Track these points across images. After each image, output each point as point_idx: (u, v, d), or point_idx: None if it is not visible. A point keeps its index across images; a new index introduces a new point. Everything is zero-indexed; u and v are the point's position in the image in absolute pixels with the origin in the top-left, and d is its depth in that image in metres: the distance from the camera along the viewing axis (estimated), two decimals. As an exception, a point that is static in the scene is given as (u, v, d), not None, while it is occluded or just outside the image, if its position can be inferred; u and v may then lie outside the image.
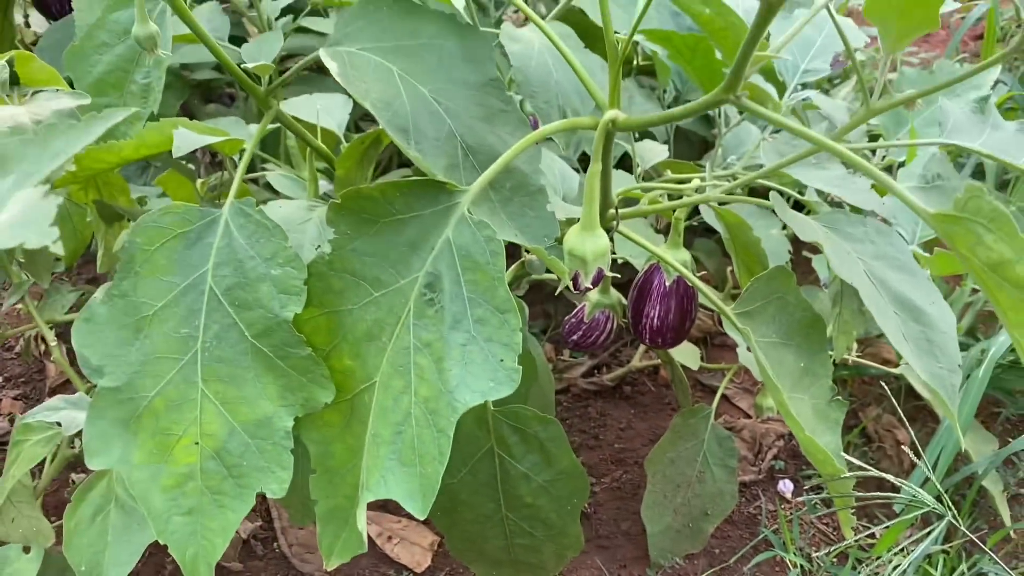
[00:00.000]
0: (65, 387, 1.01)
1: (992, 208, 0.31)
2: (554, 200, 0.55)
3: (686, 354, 0.86)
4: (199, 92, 1.24)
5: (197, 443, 0.47)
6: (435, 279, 0.44)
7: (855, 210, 0.67)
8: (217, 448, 0.47)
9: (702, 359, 0.93)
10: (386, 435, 0.45)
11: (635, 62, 1.23)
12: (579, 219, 0.48)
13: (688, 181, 0.72)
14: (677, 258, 0.59)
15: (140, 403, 0.47)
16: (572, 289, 0.49)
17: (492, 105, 0.49)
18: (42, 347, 1.07)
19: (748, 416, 0.98)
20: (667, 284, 0.61)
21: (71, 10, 1.23)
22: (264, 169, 0.82)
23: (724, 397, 1.00)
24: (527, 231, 0.49)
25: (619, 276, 0.51)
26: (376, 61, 0.47)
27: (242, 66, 0.53)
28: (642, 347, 0.99)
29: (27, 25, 1.40)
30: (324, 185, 0.76)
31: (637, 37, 0.92)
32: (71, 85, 0.80)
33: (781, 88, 0.72)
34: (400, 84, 0.46)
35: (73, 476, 0.81)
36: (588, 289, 0.49)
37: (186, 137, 0.56)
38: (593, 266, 0.47)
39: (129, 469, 0.47)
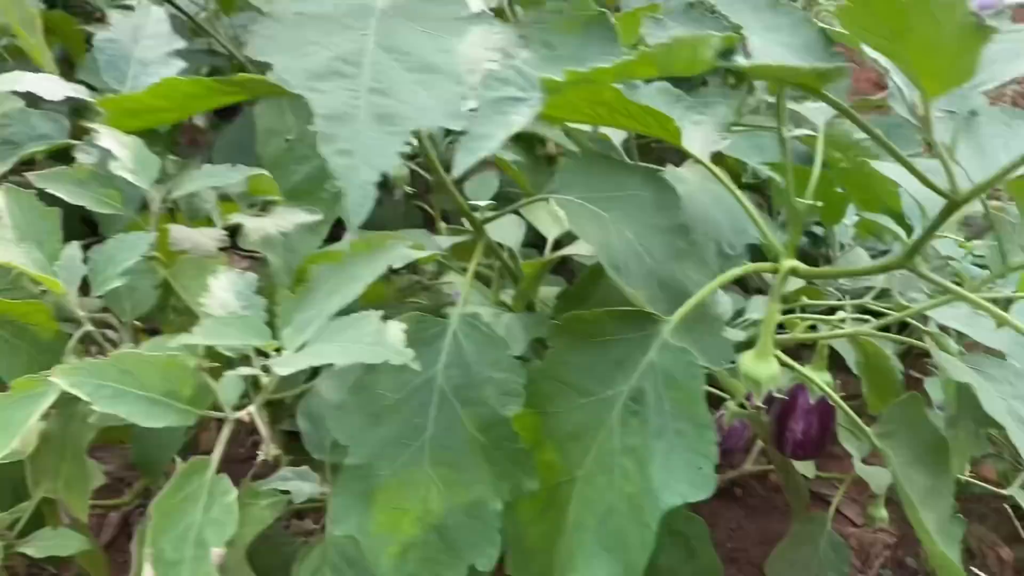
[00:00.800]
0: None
1: None
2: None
3: (803, 463, 0.92)
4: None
5: (421, 518, 0.56)
6: (640, 393, 0.53)
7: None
8: (437, 523, 0.55)
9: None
10: (591, 524, 0.53)
11: (742, 179, 1.33)
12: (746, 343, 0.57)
13: (816, 302, 0.80)
14: (822, 379, 0.67)
15: (376, 480, 0.56)
16: (743, 406, 0.57)
17: (679, 246, 0.59)
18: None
19: (855, 524, 1.03)
20: (811, 402, 0.68)
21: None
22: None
23: (829, 504, 1.05)
24: (707, 353, 0.57)
25: (783, 395, 0.59)
26: (591, 209, 0.57)
27: (469, 201, 0.63)
28: (754, 451, 1.05)
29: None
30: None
31: (755, 164, 1.01)
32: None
33: (907, 229, 0.80)
34: (612, 229, 0.56)
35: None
36: (758, 408, 0.57)
37: (401, 251, 0.66)
38: (765, 388, 0.55)
39: (364, 536, 0.55)
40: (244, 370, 0.46)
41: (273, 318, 0.49)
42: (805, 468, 0.93)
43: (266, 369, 0.47)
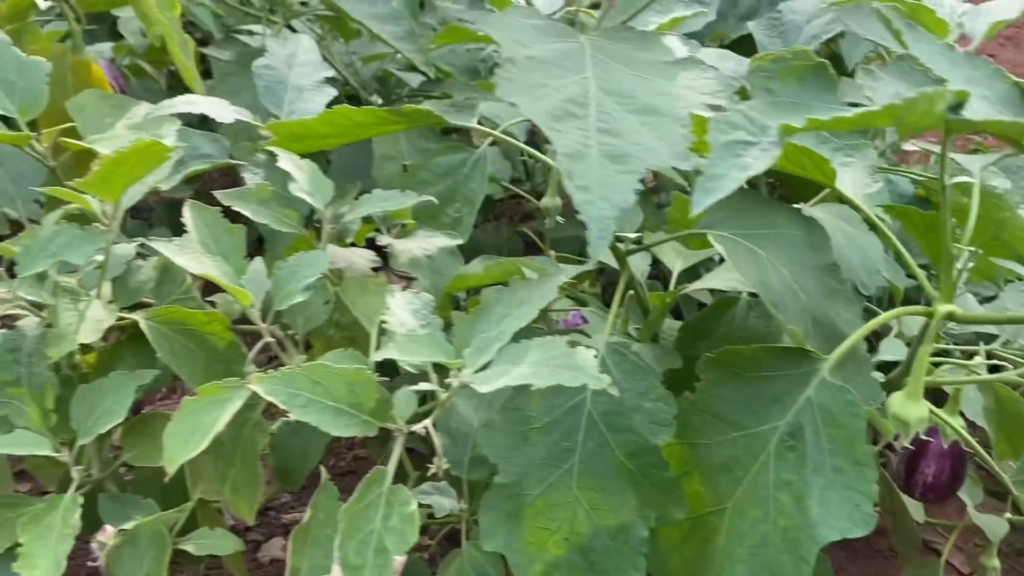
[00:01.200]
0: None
1: None
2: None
3: (913, 507, 0.91)
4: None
5: (567, 539, 0.57)
6: (797, 429, 0.53)
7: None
8: (582, 545, 0.57)
9: (919, 512, 0.97)
10: (741, 554, 0.53)
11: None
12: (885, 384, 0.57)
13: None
14: (956, 423, 0.66)
15: (525, 500, 0.57)
16: (890, 448, 0.57)
17: (831, 285, 0.60)
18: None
19: (961, 573, 1.01)
20: (944, 446, 0.68)
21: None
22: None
23: (937, 552, 1.04)
24: (857, 392, 0.58)
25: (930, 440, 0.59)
26: (746, 246, 0.58)
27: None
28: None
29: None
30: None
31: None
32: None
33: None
34: (768, 266, 0.57)
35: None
36: (906, 448, 0.57)
37: (560, 278, 0.68)
38: (914, 430, 0.55)
39: (511, 553, 0.57)
40: (424, 385, 0.48)
41: (449, 337, 0.51)
42: (917, 511, 0.92)
43: (445, 386, 0.49)
